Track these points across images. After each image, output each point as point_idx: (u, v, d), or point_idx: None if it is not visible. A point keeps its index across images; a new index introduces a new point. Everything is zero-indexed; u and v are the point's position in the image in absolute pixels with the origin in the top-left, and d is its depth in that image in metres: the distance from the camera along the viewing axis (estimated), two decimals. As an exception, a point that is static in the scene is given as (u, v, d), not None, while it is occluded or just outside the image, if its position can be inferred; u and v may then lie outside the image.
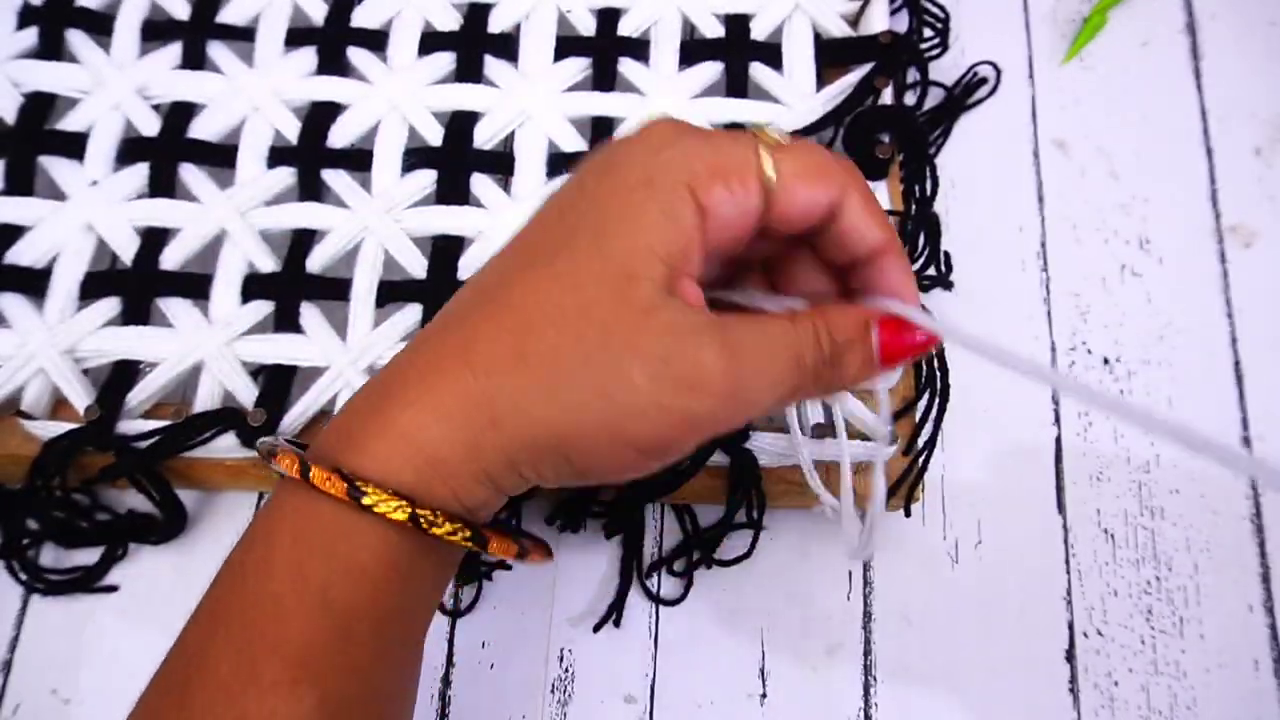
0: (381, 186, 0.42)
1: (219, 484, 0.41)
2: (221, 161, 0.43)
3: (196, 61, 0.44)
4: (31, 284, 0.40)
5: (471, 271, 0.41)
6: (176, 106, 0.44)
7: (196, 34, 0.45)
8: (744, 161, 0.26)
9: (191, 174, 0.42)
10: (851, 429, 0.39)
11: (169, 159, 0.42)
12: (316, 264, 0.41)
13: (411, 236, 0.41)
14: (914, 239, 0.43)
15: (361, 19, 0.45)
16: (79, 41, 0.45)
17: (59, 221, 0.41)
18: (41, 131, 0.43)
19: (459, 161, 0.42)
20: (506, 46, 0.45)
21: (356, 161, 0.43)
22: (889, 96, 0.43)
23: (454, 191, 0.42)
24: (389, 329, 0.39)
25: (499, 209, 0.42)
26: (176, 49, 0.45)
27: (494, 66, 0.45)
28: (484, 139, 0.43)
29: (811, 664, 0.40)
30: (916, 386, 0.39)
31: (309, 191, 0.42)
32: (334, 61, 0.44)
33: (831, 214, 0.27)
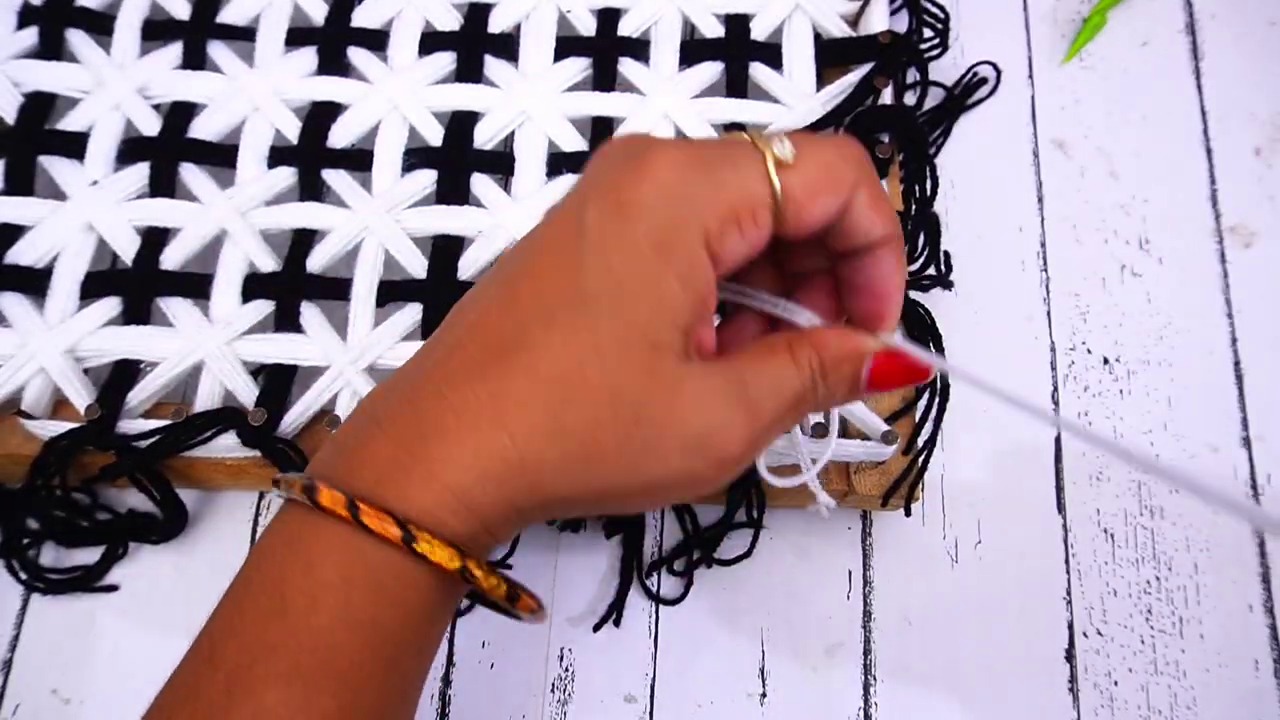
0: (382, 186, 0.42)
1: (219, 483, 0.41)
2: (222, 161, 0.43)
3: (197, 61, 0.44)
4: (32, 284, 0.40)
5: (472, 272, 0.41)
6: (177, 106, 0.44)
7: (197, 34, 0.45)
8: (754, 195, 0.26)
9: (192, 174, 0.42)
10: (852, 429, 0.39)
11: (169, 159, 0.42)
12: (317, 264, 0.41)
13: (412, 236, 0.41)
14: (914, 239, 0.43)
15: (362, 19, 0.45)
16: (79, 41, 0.45)
17: (59, 221, 0.41)
18: (42, 131, 0.43)
19: (459, 161, 0.42)
20: (507, 46, 0.45)
21: (357, 161, 0.43)
22: (889, 96, 0.43)
23: (454, 191, 0.42)
24: (389, 329, 0.39)
25: (499, 209, 0.42)
26: (177, 49, 0.45)
27: (494, 66, 0.45)
28: (484, 139, 0.43)
29: (811, 664, 0.40)
30: (917, 387, 0.39)
31: (309, 191, 0.42)
32: (334, 61, 0.45)
33: (840, 214, 0.27)
